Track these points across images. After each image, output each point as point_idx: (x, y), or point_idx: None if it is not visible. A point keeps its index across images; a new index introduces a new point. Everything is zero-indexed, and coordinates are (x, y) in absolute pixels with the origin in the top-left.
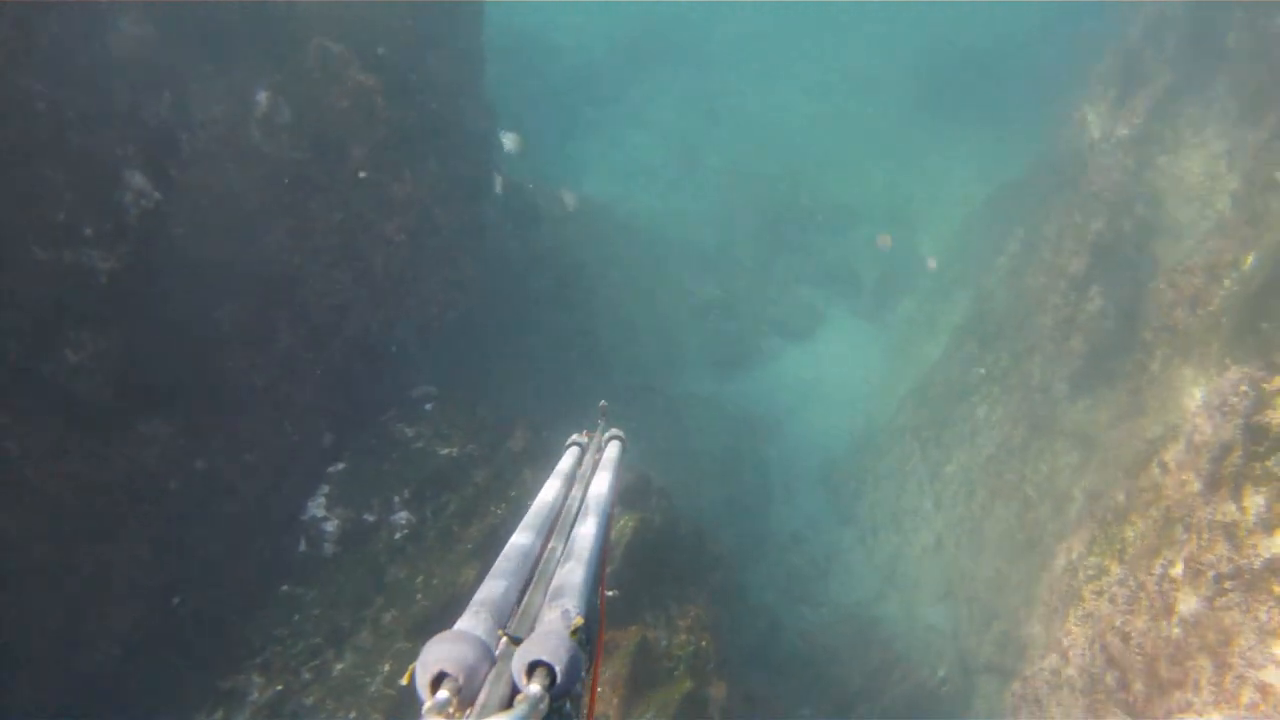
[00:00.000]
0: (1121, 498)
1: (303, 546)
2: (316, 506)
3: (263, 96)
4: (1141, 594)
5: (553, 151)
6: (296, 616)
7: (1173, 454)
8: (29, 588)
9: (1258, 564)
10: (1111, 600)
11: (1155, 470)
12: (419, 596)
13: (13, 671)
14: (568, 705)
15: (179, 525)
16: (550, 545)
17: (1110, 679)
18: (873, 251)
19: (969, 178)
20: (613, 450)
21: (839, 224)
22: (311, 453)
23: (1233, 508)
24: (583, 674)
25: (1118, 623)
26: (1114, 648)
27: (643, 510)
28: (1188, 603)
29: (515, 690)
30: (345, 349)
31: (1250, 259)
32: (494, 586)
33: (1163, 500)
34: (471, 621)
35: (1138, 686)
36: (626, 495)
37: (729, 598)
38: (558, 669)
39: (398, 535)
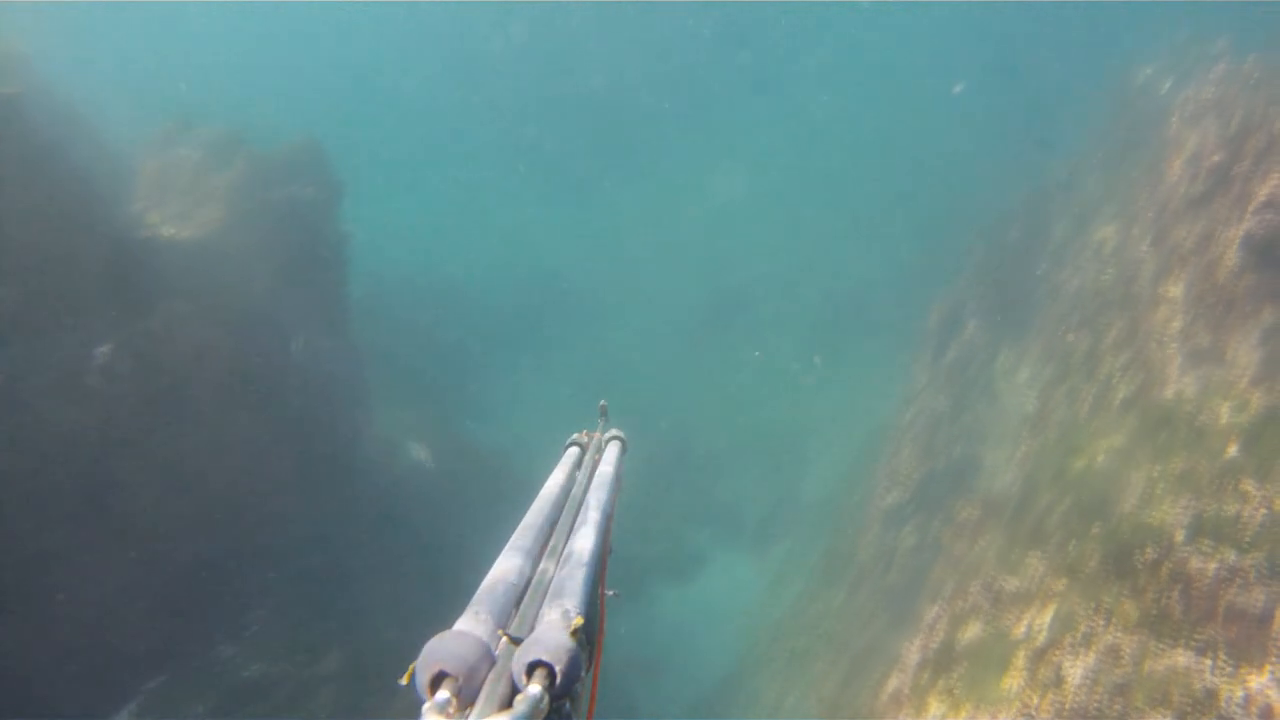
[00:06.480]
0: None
1: None
2: (124, 718)
3: (102, 350)
4: None
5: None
6: None
7: (896, 677)
8: None
9: None
10: None
11: (887, 685)
12: None
13: None
14: (567, 705)
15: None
16: (550, 546)
17: None
18: (758, 491)
19: (858, 413)
20: (613, 451)
21: (729, 465)
22: (129, 667)
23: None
24: (582, 674)
25: None
26: None
27: None
28: None
29: (515, 690)
30: (180, 570)
31: (1016, 494)
32: (494, 586)
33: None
34: (471, 621)
35: None
36: None
37: None
38: (557, 669)
39: None
